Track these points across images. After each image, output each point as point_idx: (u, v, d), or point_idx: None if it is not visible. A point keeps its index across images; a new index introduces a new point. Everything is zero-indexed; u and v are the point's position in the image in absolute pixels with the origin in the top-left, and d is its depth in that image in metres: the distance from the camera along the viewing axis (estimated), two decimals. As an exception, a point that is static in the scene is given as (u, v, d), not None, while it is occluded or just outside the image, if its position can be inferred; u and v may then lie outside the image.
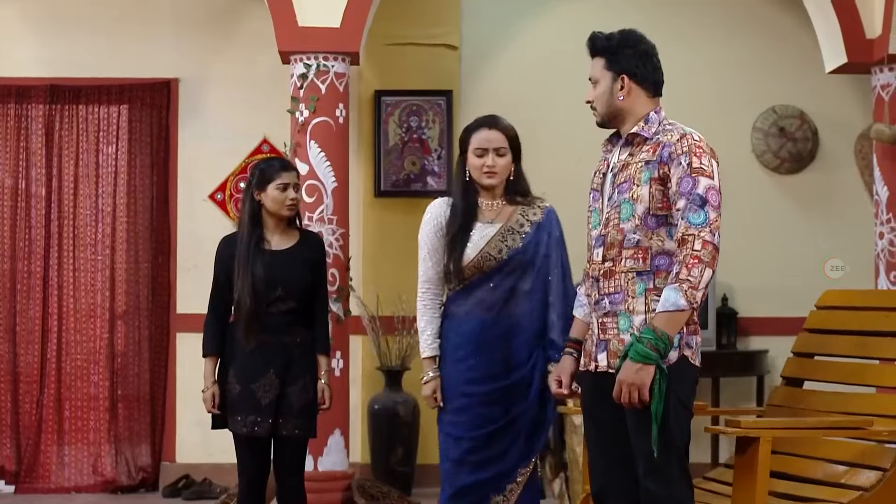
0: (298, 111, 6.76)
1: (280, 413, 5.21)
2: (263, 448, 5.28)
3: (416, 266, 8.00)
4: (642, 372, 3.83)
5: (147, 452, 8.12)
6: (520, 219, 4.69)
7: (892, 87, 6.79)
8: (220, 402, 5.28)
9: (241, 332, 5.20)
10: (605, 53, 4.14)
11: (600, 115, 4.15)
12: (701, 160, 3.93)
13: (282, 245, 5.31)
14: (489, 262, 4.64)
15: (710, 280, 3.85)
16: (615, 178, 4.09)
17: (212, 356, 5.32)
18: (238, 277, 5.20)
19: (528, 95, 8.29)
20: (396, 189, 8.23)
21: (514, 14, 8.39)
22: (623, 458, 4.08)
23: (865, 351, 4.81)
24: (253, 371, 5.21)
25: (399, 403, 7.79)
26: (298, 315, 5.31)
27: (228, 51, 8.25)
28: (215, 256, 5.37)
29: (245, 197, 5.33)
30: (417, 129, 8.23)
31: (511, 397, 4.65)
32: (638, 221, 3.97)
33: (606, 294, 4.04)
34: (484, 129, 4.78)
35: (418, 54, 8.23)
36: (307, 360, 5.33)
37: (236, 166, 8.23)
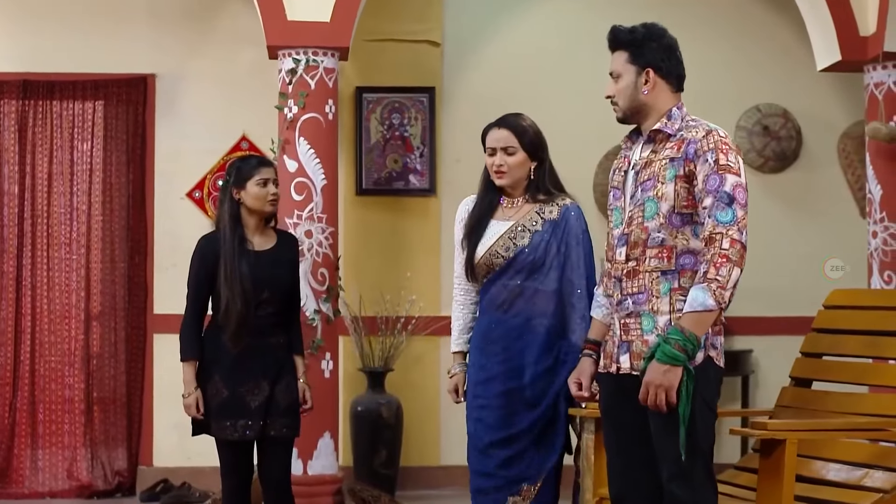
0: (287, 107, 6.62)
1: (268, 414, 5.12)
2: (249, 451, 5.19)
3: (399, 265, 8.03)
4: (670, 373, 3.75)
5: (123, 456, 7.95)
6: (534, 216, 4.60)
7: (885, 86, 6.76)
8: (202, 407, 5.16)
9: (230, 335, 5.08)
10: (629, 47, 4.03)
11: (622, 111, 4.04)
12: (728, 157, 3.84)
13: (264, 246, 5.22)
14: (497, 260, 4.57)
15: (738, 279, 3.77)
16: (637, 176, 3.99)
17: (192, 360, 5.18)
18: (225, 280, 5.07)
19: (511, 92, 8.15)
20: (378, 187, 8.10)
21: (497, 10, 8.29)
22: (642, 462, 4.00)
23: (877, 351, 4.75)
24: (241, 375, 5.11)
25: (382, 405, 7.67)
26: (280, 317, 5.23)
27: (207, 46, 8.09)
28: (195, 256, 5.22)
29: (223, 196, 5.20)
30: (399, 127, 8.12)
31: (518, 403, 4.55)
32: (662, 220, 3.88)
33: (629, 294, 3.95)
34: (494, 128, 4.73)
35: (400, 51, 8.12)
36: (289, 360, 5.27)
37: (214, 164, 8.07)
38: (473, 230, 4.63)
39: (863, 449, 4.50)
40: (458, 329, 4.74)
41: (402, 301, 7.87)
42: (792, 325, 7.28)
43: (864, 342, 4.77)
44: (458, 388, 4.72)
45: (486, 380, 4.59)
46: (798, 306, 7.49)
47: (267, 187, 5.15)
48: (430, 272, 8.11)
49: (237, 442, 5.12)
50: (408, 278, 7.93)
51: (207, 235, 5.27)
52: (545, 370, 4.55)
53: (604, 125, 8.24)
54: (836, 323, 4.97)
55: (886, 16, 6.44)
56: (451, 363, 7.89)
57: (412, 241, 8.12)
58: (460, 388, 4.71)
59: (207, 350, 5.16)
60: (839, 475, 4.48)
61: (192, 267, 5.22)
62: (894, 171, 6.66)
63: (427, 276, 8.09)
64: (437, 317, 7.99)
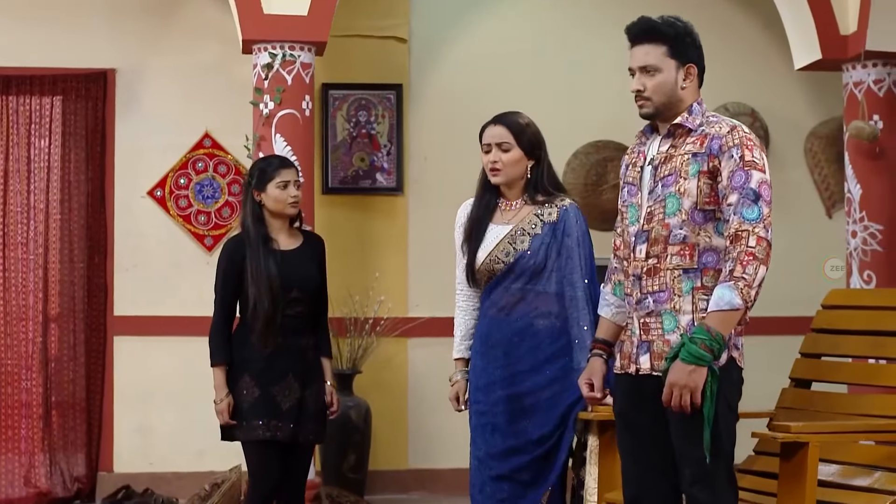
0: (262, 103, 6.45)
1: (300, 419, 5.04)
2: (279, 453, 5.06)
3: (366, 265, 7.89)
4: (695, 374, 3.66)
5: (83, 462, 7.72)
6: (533, 219, 4.49)
7: (864, 84, 6.73)
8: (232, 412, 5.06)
9: (259, 335, 5.00)
10: (670, 41, 3.91)
11: (655, 106, 3.91)
12: (753, 153, 3.77)
13: (290, 245, 5.17)
14: (498, 265, 4.47)
15: (764, 278, 3.69)
16: (656, 172, 3.90)
17: (223, 364, 5.06)
18: (252, 280, 5.00)
19: (479, 90, 8.08)
20: (344, 186, 7.95)
21: (465, 6, 8.18)
22: (659, 466, 3.91)
23: (882, 351, 4.69)
24: (272, 375, 5.02)
25: (351, 408, 7.50)
26: (308, 317, 5.17)
27: (168, 41, 7.89)
28: (222, 258, 5.13)
29: (245, 198, 5.16)
30: (366, 124, 7.97)
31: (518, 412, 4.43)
32: (685, 216, 3.79)
33: (650, 293, 3.85)
34: (490, 125, 4.61)
35: (367, 47, 7.97)
36: (318, 363, 5.21)
37: (176, 161, 7.88)
38: (472, 235, 4.52)
39: (871, 451, 4.43)
40: (460, 335, 4.63)
41: (370, 302, 7.72)
42: (760, 325, 7.22)
43: (869, 342, 4.72)
44: (458, 396, 4.59)
45: (486, 385, 4.48)
46: (765, 306, 7.43)
47: (287, 190, 5.09)
48: (398, 272, 7.99)
49: (268, 442, 5.01)
50: (376, 278, 7.78)
51: (233, 238, 5.21)
52: (547, 382, 4.43)
53: (573, 123, 8.27)
54: (835, 323, 4.92)
55: (868, 15, 6.42)
56: (421, 365, 7.94)
57: (379, 240, 7.98)
58: (461, 395, 4.59)
59: (237, 352, 5.07)
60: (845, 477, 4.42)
61: (219, 269, 5.13)
62: (874, 171, 6.65)
63: (395, 277, 7.96)
64: (406, 318, 7.88)
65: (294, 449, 5.09)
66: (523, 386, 4.42)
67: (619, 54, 8.04)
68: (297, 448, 5.10)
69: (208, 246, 7.84)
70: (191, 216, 7.86)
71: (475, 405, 4.51)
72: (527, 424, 4.42)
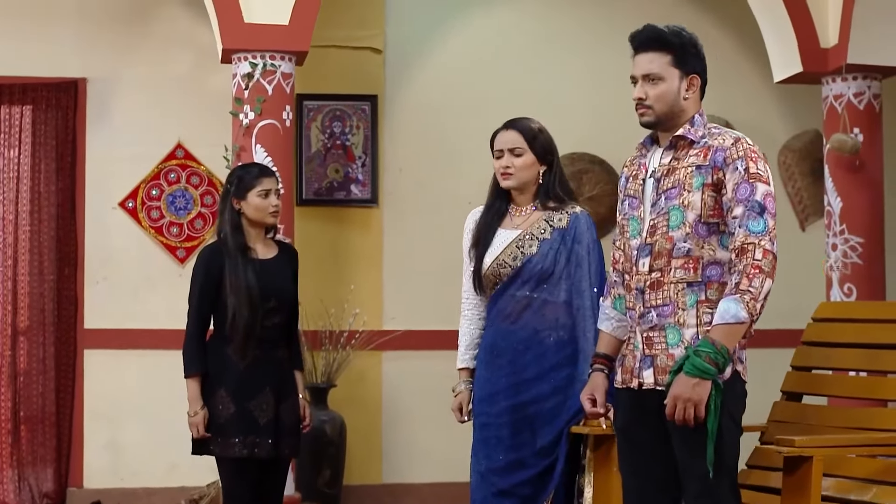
0: (242, 113, 6.36)
1: (278, 433, 4.94)
2: (254, 470, 4.96)
3: (341, 278, 7.81)
4: (699, 387, 3.62)
5: (52, 477, 7.58)
6: (543, 224, 4.44)
7: (845, 98, 6.74)
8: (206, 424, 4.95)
9: (237, 346, 4.90)
10: (675, 50, 3.86)
11: (657, 115, 3.85)
12: (757, 165, 3.75)
13: (267, 254, 5.08)
14: (505, 270, 4.41)
15: (769, 291, 3.66)
16: (659, 184, 3.86)
17: (197, 376, 4.95)
18: (231, 289, 4.89)
19: (454, 101, 8.05)
20: (319, 198, 7.87)
21: (440, 18, 8.12)
22: (661, 480, 3.88)
23: (876, 364, 4.68)
24: (248, 389, 4.91)
25: (325, 422, 7.42)
26: (284, 328, 5.08)
27: (140, 50, 7.78)
28: (199, 267, 5.01)
29: (224, 206, 5.04)
30: (341, 136, 7.90)
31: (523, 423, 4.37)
32: (689, 229, 3.76)
33: (653, 306, 3.81)
34: (501, 130, 4.56)
35: (341, 57, 7.89)
36: (293, 376, 5.11)
37: (148, 172, 7.77)
38: (480, 240, 4.46)
39: (867, 464, 4.42)
40: (465, 345, 4.57)
41: (345, 315, 7.64)
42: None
43: (863, 355, 4.71)
44: (461, 407, 4.52)
45: (490, 395, 4.42)
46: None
47: (268, 199, 5.01)
48: (373, 285, 7.92)
49: (243, 460, 4.90)
50: (351, 291, 7.70)
51: (209, 246, 5.08)
52: (551, 391, 4.38)
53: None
54: (826, 336, 4.91)
55: (849, 28, 6.43)
56: (395, 379, 7.86)
57: (354, 253, 7.91)
58: (464, 406, 4.52)
59: (211, 364, 4.95)
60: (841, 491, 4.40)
61: (194, 278, 5.01)
62: (854, 184, 6.66)
63: (369, 290, 7.89)
64: (381, 331, 7.81)
65: (271, 464, 5.00)
66: (528, 395, 4.37)
67: (595, 67, 8.19)
68: (274, 463, 5.01)
69: (181, 258, 7.74)
70: (163, 228, 7.76)
71: (478, 418, 4.46)
72: (529, 435, 4.36)
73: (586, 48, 8.26)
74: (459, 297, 7.80)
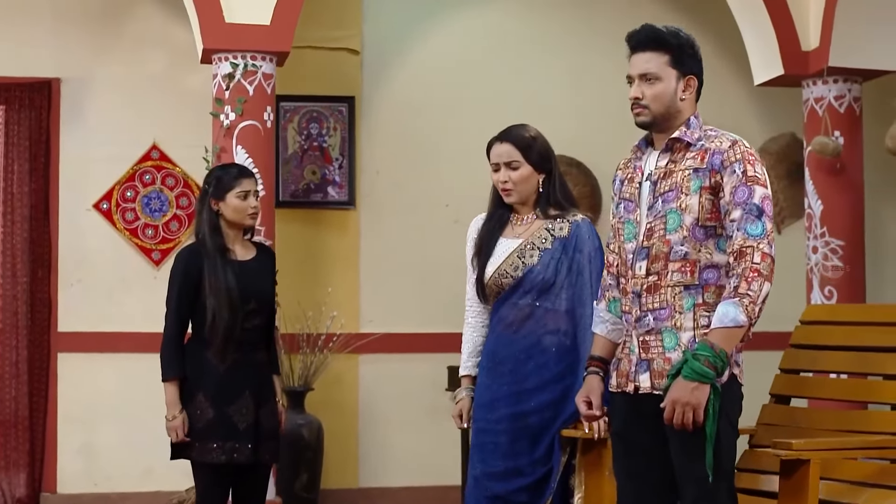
0: (223, 114, 6.29)
1: (257, 438, 4.87)
2: (231, 476, 4.91)
3: (318, 281, 7.75)
4: (698, 391, 3.60)
5: (25, 482, 7.47)
6: (544, 234, 4.40)
7: (825, 101, 6.74)
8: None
9: (216, 349, 4.83)
10: (673, 50, 3.85)
11: (652, 115, 3.83)
12: (755, 168, 3.74)
13: (245, 256, 5.02)
14: (506, 280, 4.37)
15: (768, 294, 3.65)
16: (655, 187, 3.84)
17: (176, 379, 4.87)
18: (210, 291, 4.82)
19: (431, 102, 8.01)
20: (296, 199, 7.80)
21: (417, 18, 8.07)
22: (657, 485, 3.86)
23: (865, 367, 4.67)
24: (228, 393, 4.85)
25: (303, 426, 7.35)
26: (263, 331, 5.02)
27: (115, 50, 7.69)
28: (177, 269, 4.93)
29: (201, 206, 4.97)
30: (318, 137, 7.84)
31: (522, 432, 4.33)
32: (686, 233, 3.74)
33: (650, 310, 3.79)
34: (496, 142, 4.50)
35: (318, 58, 7.82)
36: (271, 380, 5.06)
37: (123, 174, 7.67)
38: (482, 249, 4.42)
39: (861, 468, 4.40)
40: (468, 352, 4.52)
41: (322, 317, 7.58)
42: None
43: (852, 358, 4.70)
44: (462, 414, 4.48)
45: (490, 402, 4.37)
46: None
47: (247, 200, 4.94)
48: (350, 288, 7.86)
49: (221, 466, 4.83)
50: (329, 294, 7.64)
51: (188, 247, 5.01)
52: (552, 401, 4.34)
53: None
54: (814, 339, 4.89)
55: (831, 31, 6.43)
56: (372, 382, 7.80)
57: (331, 255, 7.85)
58: (465, 413, 4.47)
59: (190, 368, 4.88)
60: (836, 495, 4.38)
61: (173, 280, 4.93)
62: (834, 187, 6.66)
63: (346, 292, 7.83)
64: (358, 334, 7.75)
65: (251, 470, 4.95)
66: (528, 405, 4.33)
67: (575, 68, 8.16)
68: (254, 469, 4.95)
69: (156, 260, 7.66)
70: (138, 230, 7.67)
71: (476, 423, 4.42)
72: (529, 444, 4.32)
73: (566, 50, 8.24)
74: (436, 300, 7.90)
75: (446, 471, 7.77)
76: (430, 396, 7.86)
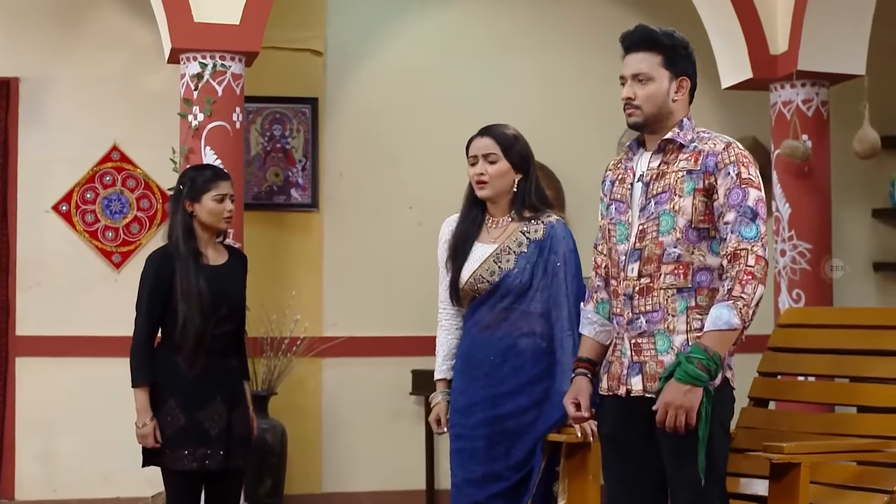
0: (191, 114, 6.19)
1: (229, 444, 4.80)
2: (205, 483, 4.85)
3: (282, 284, 7.67)
4: (691, 394, 3.59)
5: (-19, 490, 7.36)
6: (519, 237, 4.35)
7: (794, 104, 6.76)
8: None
9: (187, 355, 4.76)
10: (666, 51, 3.83)
11: (644, 116, 3.82)
12: (749, 170, 3.73)
13: (218, 260, 4.95)
14: (482, 285, 4.32)
15: (761, 297, 3.64)
16: (648, 188, 3.82)
17: (146, 385, 4.79)
18: (182, 296, 4.74)
19: (395, 104, 7.96)
20: (258, 202, 7.71)
21: (381, 19, 8.01)
22: (648, 489, 3.86)
23: (845, 370, 4.67)
24: (199, 399, 4.78)
25: (266, 431, 7.26)
26: (234, 337, 4.96)
27: (75, 49, 7.57)
28: (148, 272, 4.84)
29: (175, 208, 4.88)
30: (281, 139, 7.76)
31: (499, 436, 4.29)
32: (679, 235, 3.73)
33: (642, 312, 3.77)
34: (477, 136, 4.45)
35: (281, 59, 7.72)
36: (242, 385, 5.00)
37: (83, 175, 7.55)
38: (457, 252, 4.36)
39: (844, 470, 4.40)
40: (442, 355, 4.45)
41: (286, 321, 7.50)
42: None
43: (831, 361, 4.70)
44: (440, 419, 4.43)
45: (466, 406, 4.32)
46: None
47: (224, 203, 4.87)
48: (313, 291, 7.79)
49: (193, 473, 4.76)
50: (293, 297, 7.56)
51: (160, 250, 4.90)
52: (529, 405, 4.30)
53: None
54: (792, 342, 4.89)
55: (800, 35, 6.45)
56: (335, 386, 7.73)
57: (294, 258, 7.77)
58: (443, 417, 4.42)
59: (160, 373, 4.79)
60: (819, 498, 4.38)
61: (143, 284, 4.83)
62: (803, 190, 6.67)
63: (310, 295, 7.75)
64: (321, 337, 7.68)
65: (223, 476, 4.87)
66: (504, 408, 4.28)
67: (538, 70, 8.13)
68: (225, 475, 4.88)
69: (116, 263, 7.54)
70: (98, 232, 7.55)
71: (453, 428, 4.37)
72: (506, 448, 4.28)
73: (530, 51, 8.22)
74: (400, 303, 7.84)
75: (410, 475, 7.73)
76: (393, 400, 7.82)
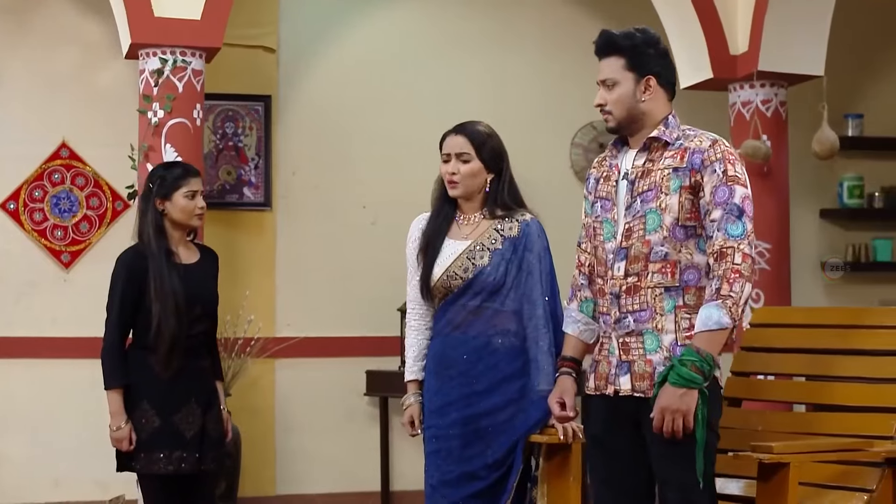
0: (151, 111, 6.07)
1: (203, 446, 4.72)
2: (178, 486, 4.75)
3: (235, 283, 7.55)
4: (686, 397, 3.57)
5: (-69, 495, 7.18)
6: (493, 234, 4.29)
7: (753, 104, 6.78)
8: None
9: (161, 357, 4.64)
10: (627, 53, 3.79)
11: (616, 120, 3.80)
12: (735, 167, 3.72)
13: (190, 259, 4.85)
14: (455, 282, 4.25)
15: (750, 294, 3.62)
16: (633, 186, 3.79)
17: (120, 388, 4.68)
18: (156, 296, 4.63)
19: (349, 102, 7.88)
20: (210, 200, 7.43)
21: (335, 16, 7.92)
22: (634, 490, 3.84)
23: (819, 369, 4.67)
24: (174, 401, 4.69)
25: (220, 432, 7.17)
26: (207, 337, 4.87)
27: (23, 45, 7.40)
28: (119, 273, 4.72)
29: (145, 207, 4.78)
30: (233, 136, 7.66)
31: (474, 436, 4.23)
32: (666, 233, 3.70)
33: (630, 312, 3.74)
34: (450, 134, 4.37)
35: (234, 56, 7.57)
36: (216, 387, 4.91)
37: (31, 173, 7.39)
38: (428, 249, 4.29)
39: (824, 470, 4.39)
40: (413, 356, 4.37)
41: (240, 321, 7.39)
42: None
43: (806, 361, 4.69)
44: (413, 421, 4.35)
45: (441, 406, 4.25)
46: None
47: (195, 200, 4.78)
48: (266, 291, 7.68)
49: (168, 476, 4.66)
50: (246, 297, 7.45)
51: (131, 249, 4.78)
52: (505, 403, 4.24)
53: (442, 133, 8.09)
54: (765, 341, 4.89)
55: (760, 36, 6.46)
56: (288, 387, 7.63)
57: (247, 257, 7.66)
58: (416, 419, 4.34)
59: (133, 375, 4.68)
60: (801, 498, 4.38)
61: (115, 284, 4.71)
62: (763, 190, 6.67)
63: (263, 296, 7.65)
64: (275, 338, 7.59)
65: (196, 478, 4.79)
66: (480, 407, 4.22)
67: (492, 70, 8.09)
68: (200, 477, 4.80)
69: (65, 262, 7.39)
70: (46, 231, 7.39)
71: (428, 430, 4.29)
72: (482, 448, 4.22)
73: (484, 51, 8.18)
74: (354, 303, 7.77)
75: (365, 477, 7.67)
76: (348, 401, 7.75)
